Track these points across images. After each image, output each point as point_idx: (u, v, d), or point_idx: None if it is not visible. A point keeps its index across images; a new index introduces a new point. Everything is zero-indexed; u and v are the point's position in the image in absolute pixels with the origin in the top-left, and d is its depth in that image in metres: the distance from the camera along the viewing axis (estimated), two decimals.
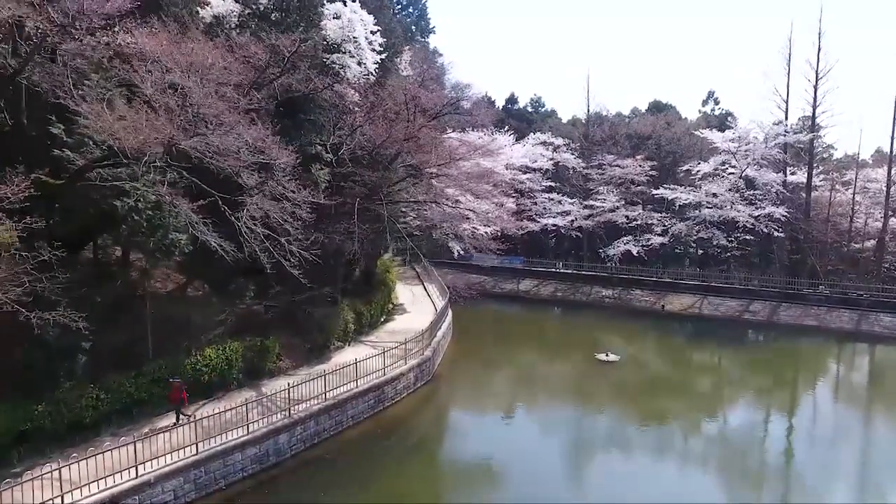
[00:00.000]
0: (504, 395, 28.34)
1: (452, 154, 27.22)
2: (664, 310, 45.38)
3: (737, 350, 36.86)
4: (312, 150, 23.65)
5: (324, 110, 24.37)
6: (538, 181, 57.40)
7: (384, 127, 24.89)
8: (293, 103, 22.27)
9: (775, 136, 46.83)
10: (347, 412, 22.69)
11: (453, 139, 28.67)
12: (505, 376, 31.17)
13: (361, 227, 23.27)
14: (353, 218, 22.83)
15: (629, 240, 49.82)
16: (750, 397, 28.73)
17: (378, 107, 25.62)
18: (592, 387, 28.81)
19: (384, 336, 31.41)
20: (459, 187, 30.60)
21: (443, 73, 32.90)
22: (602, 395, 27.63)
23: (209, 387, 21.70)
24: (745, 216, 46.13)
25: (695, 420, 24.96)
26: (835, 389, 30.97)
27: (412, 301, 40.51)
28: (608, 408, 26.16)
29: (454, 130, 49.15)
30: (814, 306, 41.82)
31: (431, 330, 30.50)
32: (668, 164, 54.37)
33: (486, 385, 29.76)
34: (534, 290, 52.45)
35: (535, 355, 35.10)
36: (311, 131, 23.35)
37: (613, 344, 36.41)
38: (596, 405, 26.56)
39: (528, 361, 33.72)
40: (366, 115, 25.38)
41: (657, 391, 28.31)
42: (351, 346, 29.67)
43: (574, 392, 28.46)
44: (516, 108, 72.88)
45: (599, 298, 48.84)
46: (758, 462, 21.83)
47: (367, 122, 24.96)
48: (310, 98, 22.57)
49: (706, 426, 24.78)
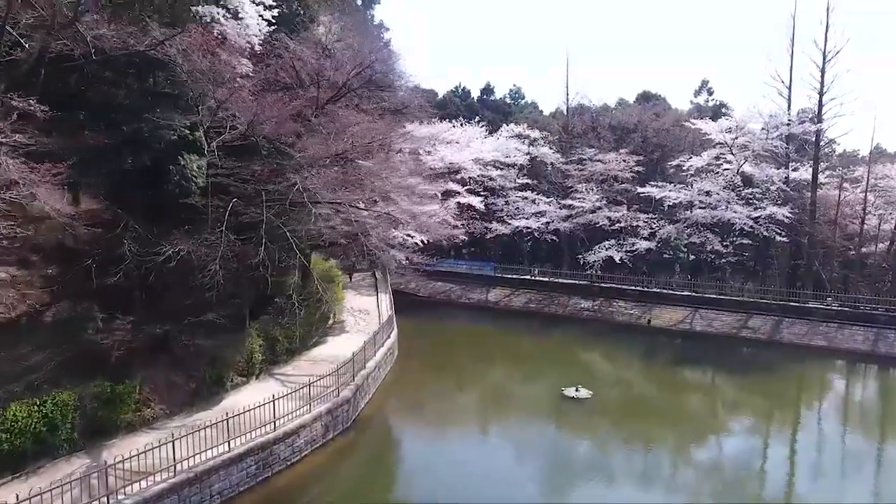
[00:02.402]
0: (437, 450, 22.35)
1: (376, 140, 21.17)
2: (650, 325, 39.64)
3: (735, 380, 31.03)
4: (174, 134, 17.63)
5: (195, 82, 18.35)
6: (512, 178, 51.57)
7: (278, 105, 18.94)
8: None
9: (776, 126, 41.10)
10: (211, 487, 16.71)
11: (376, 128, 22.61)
12: (444, 420, 24.99)
13: (231, 237, 17.30)
14: (222, 226, 16.86)
15: (611, 244, 43.99)
16: (755, 464, 22.94)
17: (275, 81, 19.63)
18: (549, 443, 22.81)
19: (304, 366, 25.48)
20: (396, 186, 24.68)
21: (390, 57, 26.61)
22: (562, 458, 21.58)
23: (18, 457, 15.70)
24: (743, 217, 40.42)
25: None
26: (860, 432, 25.10)
27: (358, 317, 34.52)
28: (565, 483, 19.64)
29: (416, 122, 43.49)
30: (821, 322, 36.15)
31: (358, 360, 24.62)
32: (655, 158, 48.60)
33: (417, 435, 23.72)
34: (504, 300, 46.54)
35: (491, 388, 29.04)
36: (170, 108, 17.34)
37: (587, 369, 30.70)
38: (549, 478, 20.58)
39: (478, 398, 27.61)
40: (256, 90, 19.40)
41: (631, 455, 21.92)
42: (258, 380, 23.75)
43: (526, 450, 22.18)
44: (492, 99, 67.04)
45: (577, 311, 43.00)
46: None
47: (254, 97, 18.98)
48: (164, 63, 16.59)
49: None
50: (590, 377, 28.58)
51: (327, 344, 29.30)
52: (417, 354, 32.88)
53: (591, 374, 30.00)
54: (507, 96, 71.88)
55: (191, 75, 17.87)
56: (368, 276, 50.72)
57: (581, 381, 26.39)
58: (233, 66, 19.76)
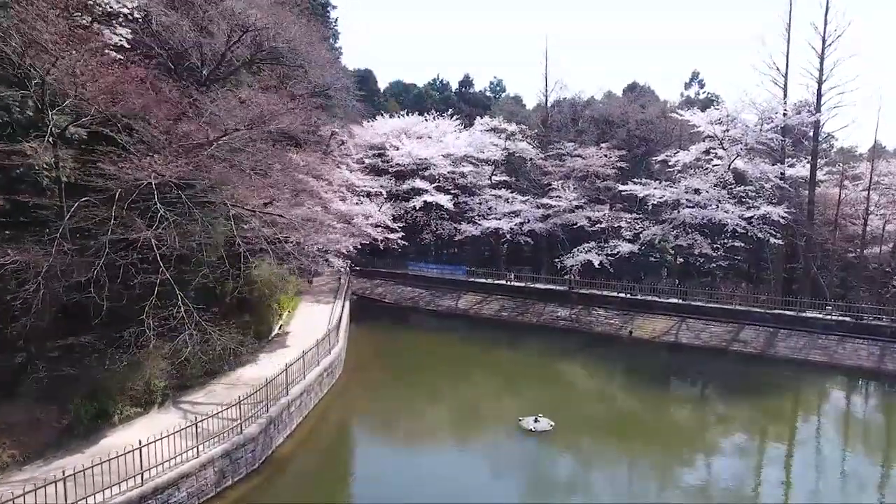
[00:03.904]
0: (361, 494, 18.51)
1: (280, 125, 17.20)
2: (631, 336, 35.91)
3: (722, 406, 27.27)
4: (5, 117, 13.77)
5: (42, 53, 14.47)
6: (486, 175, 47.83)
7: (149, 83, 15.10)
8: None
9: (771, 117, 37.38)
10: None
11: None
12: (378, 460, 21.13)
13: (74, 244, 13.44)
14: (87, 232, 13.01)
15: (591, 247, 40.19)
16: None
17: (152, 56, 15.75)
18: (500, 489, 18.99)
19: (221, 392, 21.71)
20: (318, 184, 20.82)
21: (309, 33, 22.05)
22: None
23: None
24: (735, 218, 36.69)
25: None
26: (870, 469, 21.35)
27: (307, 328, 30.56)
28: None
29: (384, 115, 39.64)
30: (821, 334, 32.46)
31: (280, 383, 20.88)
32: (640, 154, 44.83)
33: (337, 477, 19.82)
34: (475, 307, 42.74)
35: (438, 417, 25.05)
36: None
37: (554, 392, 26.93)
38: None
39: (421, 430, 23.52)
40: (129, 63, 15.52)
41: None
42: (161, 410, 20.01)
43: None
44: (471, 92, 63.29)
45: (553, 320, 39.23)
46: None
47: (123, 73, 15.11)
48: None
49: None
50: (556, 402, 24.83)
51: (259, 362, 25.47)
52: (365, 373, 29.12)
53: (558, 397, 26.24)
54: (489, 89, 68.19)
55: (31, 45, 14.01)
56: (334, 280, 47.00)
57: (544, 408, 22.65)
58: (99, 34, 15.93)
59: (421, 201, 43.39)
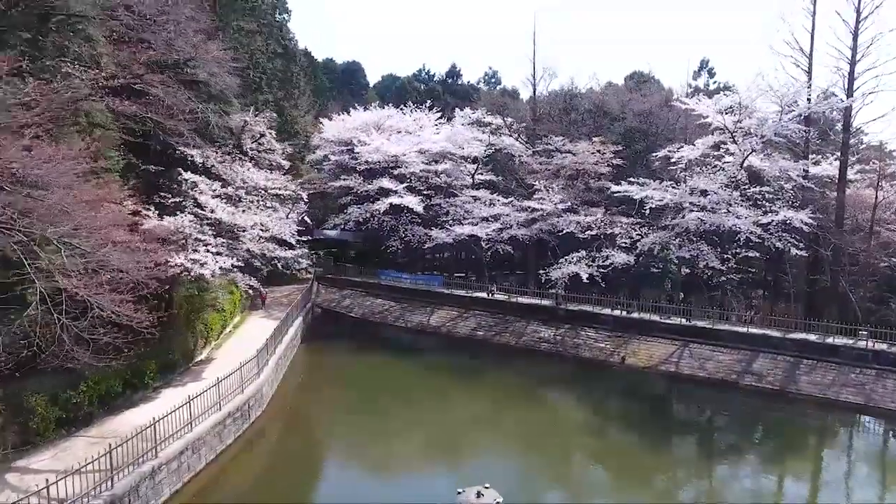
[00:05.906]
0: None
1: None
2: (623, 363, 30.38)
3: (732, 463, 21.79)
4: None
5: None
6: (466, 173, 42.55)
7: None
8: None
9: (792, 105, 31.59)
10: None
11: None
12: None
13: None
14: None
15: (580, 257, 34.64)
16: None
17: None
18: None
19: (79, 448, 16.67)
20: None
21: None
22: None
23: None
24: (748, 224, 30.99)
25: None
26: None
27: (241, 352, 25.10)
28: None
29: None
30: (854, 367, 26.67)
31: (147, 437, 15.82)
32: (640, 149, 39.19)
33: None
34: (449, 324, 37.39)
35: (360, 479, 19.71)
36: None
37: (517, 442, 21.57)
38: None
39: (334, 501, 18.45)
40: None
41: None
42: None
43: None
44: (459, 84, 58.01)
45: (535, 342, 33.75)
46: None
47: None
48: None
49: None
50: (513, 462, 19.58)
51: (158, 400, 20.43)
52: (291, 414, 24.04)
53: (518, 455, 20.90)
54: (482, 81, 62.85)
55: None
56: (303, 290, 42.08)
57: (495, 473, 17.24)
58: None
59: (387, 203, 38.17)
